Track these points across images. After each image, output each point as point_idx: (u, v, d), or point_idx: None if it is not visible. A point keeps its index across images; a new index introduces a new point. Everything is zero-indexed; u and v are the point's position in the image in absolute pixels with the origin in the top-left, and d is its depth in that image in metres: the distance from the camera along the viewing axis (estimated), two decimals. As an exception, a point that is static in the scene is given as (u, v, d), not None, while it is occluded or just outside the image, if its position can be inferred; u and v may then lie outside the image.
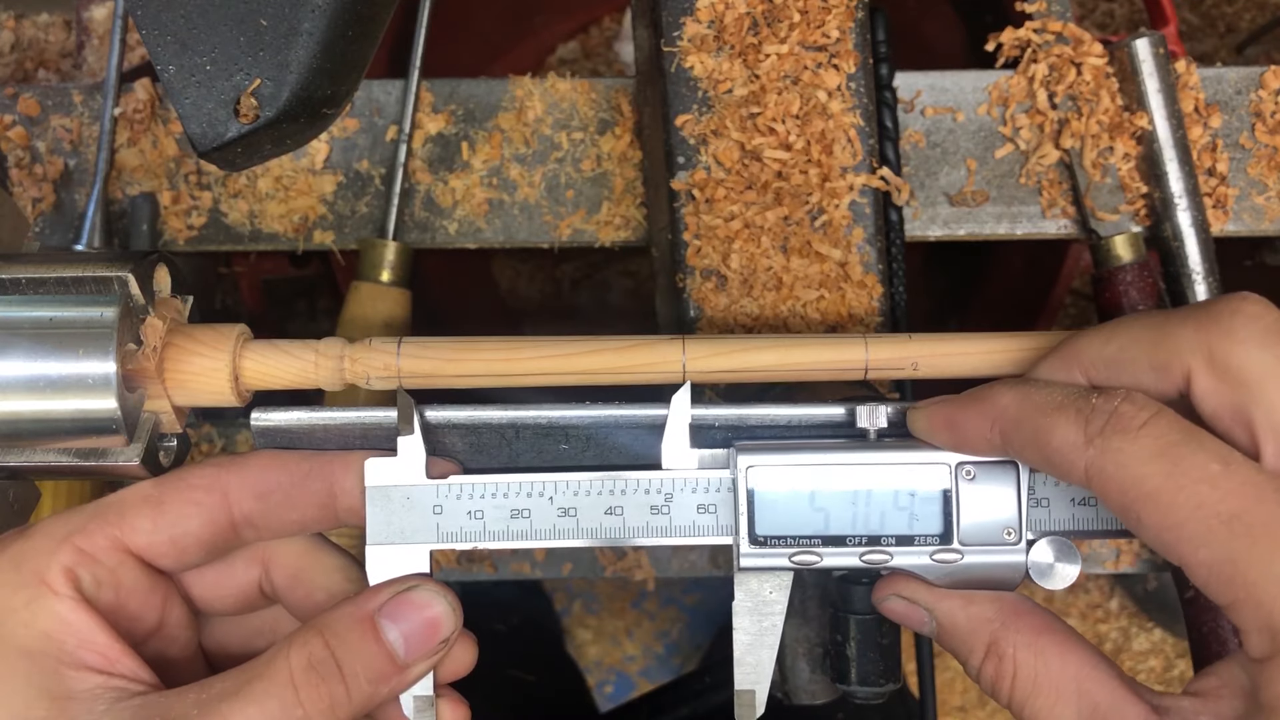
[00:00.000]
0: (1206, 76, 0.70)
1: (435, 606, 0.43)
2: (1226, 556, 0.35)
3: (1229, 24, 1.30)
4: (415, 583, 0.43)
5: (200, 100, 0.43)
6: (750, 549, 0.44)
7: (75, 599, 0.41)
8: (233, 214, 0.71)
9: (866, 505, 0.44)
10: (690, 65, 0.60)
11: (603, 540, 0.44)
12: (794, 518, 0.44)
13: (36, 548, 0.42)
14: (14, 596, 0.41)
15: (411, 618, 0.42)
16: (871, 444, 0.44)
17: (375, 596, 0.43)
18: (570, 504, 0.44)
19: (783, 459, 0.44)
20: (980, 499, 0.43)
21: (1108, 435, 0.37)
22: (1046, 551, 0.43)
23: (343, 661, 0.41)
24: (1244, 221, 0.69)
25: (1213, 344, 0.38)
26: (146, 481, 0.44)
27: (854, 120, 0.60)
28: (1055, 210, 0.69)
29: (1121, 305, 0.66)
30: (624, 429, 0.46)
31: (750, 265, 0.59)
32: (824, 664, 0.57)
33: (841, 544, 0.44)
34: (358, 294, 0.70)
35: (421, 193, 0.71)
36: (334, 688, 0.40)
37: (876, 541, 0.43)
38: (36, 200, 0.70)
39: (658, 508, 0.44)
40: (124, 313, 0.44)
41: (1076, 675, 0.40)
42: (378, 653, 0.42)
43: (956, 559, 0.43)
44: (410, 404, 0.44)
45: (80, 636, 0.41)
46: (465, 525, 0.45)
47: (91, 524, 0.42)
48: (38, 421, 0.44)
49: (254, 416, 0.46)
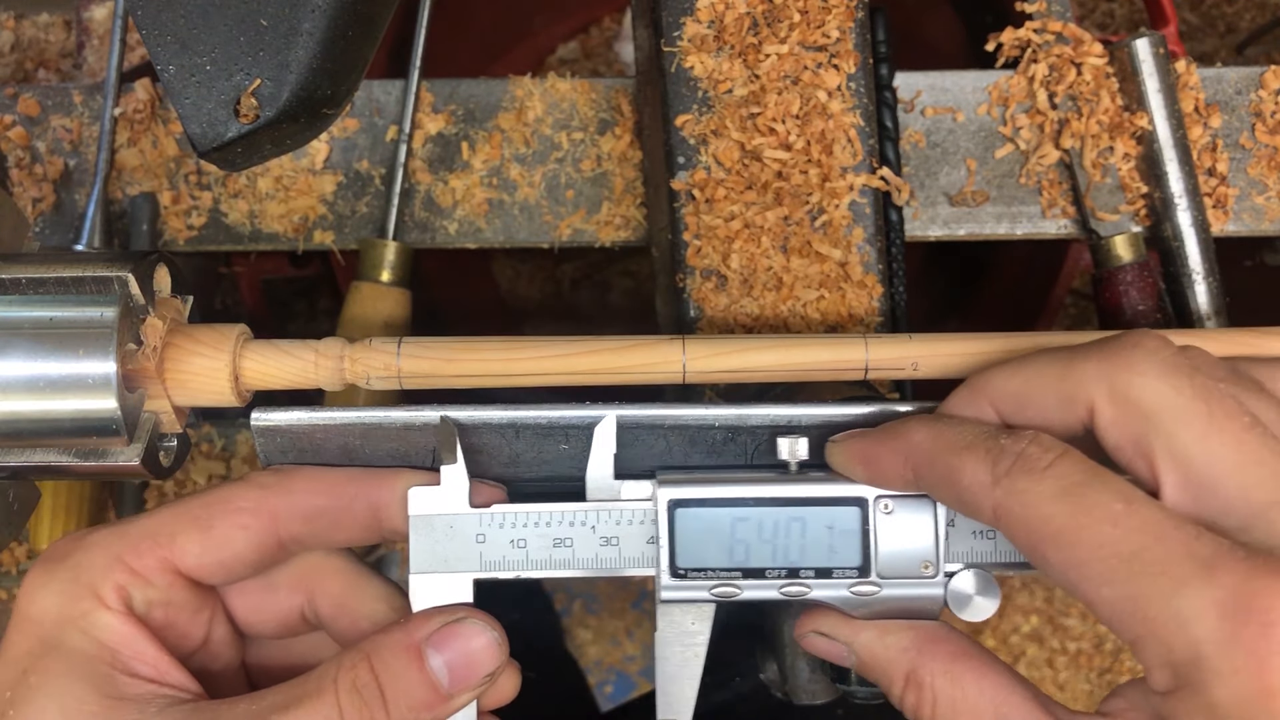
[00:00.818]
0: (1206, 76, 0.70)
1: (482, 639, 0.43)
2: (1127, 594, 0.35)
3: (1229, 24, 1.30)
4: (464, 614, 0.44)
5: (200, 100, 0.43)
6: (671, 581, 0.44)
7: (126, 614, 0.42)
8: (233, 214, 0.71)
9: (786, 538, 0.44)
10: (690, 65, 0.60)
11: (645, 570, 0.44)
12: (714, 550, 0.44)
13: (92, 561, 0.43)
14: (73, 606, 0.42)
15: (458, 649, 0.43)
16: (792, 476, 0.44)
17: (424, 625, 0.43)
18: (614, 533, 0.44)
19: (703, 491, 0.44)
20: (898, 532, 0.43)
21: (1014, 476, 0.38)
22: (966, 584, 0.43)
23: (386, 688, 0.41)
24: (1244, 221, 0.69)
25: (1114, 377, 0.39)
26: (194, 500, 0.45)
27: (854, 120, 0.60)
28: (1055, 210, 0.69)
29: (1121, 305, 0.66)
30: (624, 430, 0.46)
31: (750, 265, 0.59)
32: (824, 664, 0.57)
33: (761, 576, 0.44)
34: (358, 294, 0.70)
35: (421, 193, 0.71)
36: (376, 713, 0.41)
37: (795, 574, 0.43)
38: (36, 200, 0.70)
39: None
40: (124, 313, 0.44)
41: (994, 699, 0.41)
42: (421, 681, 0.42)
43: (875, 591, 0.43)
44: (453, 433, 0.44)
45: (132, 648, 0.42)
46: (508, 554, 0.44)
47: (143, 544, 0.43)
48: (38, 421, 0.44)
49: (254, 416, 0.46)
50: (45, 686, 0.40)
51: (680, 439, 0.46)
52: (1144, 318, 0.66)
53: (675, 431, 0.46)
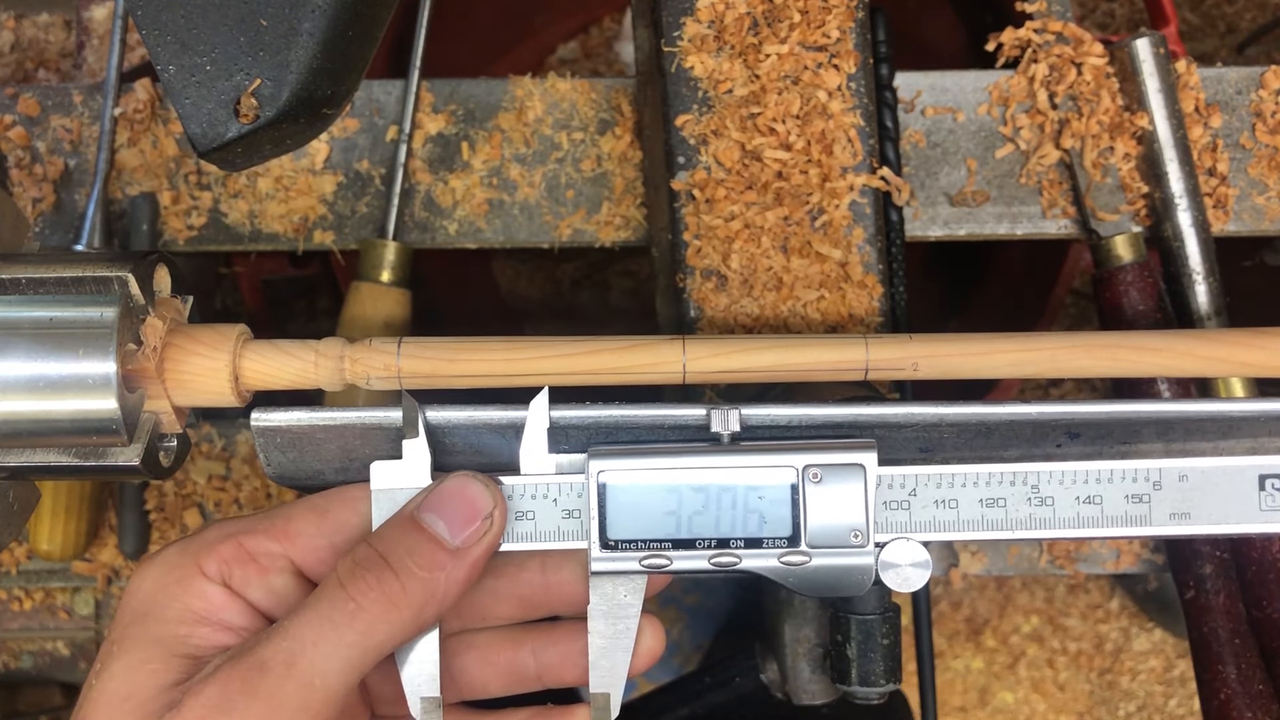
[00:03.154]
0: (1207, 76, 0.70)
1: (469, 487, 0.43)
2: None
3: (1229, 24, 1.30)
4: (444, 476, 0.44)
5: (200, 100, 0.43)
6: (602, 553, 0.44)
7: (221, 585, 0.43)
8: (233, 214, 0.71)
9: (716, 508, 0.44)
10: (690, 65, 0.60)
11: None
12: (645, 521, 0.44)
13: (205, 539, 0.44)
14: (170, 574, 0.43)
15: (447, 501, 0.43)
16: (723, 448, 0.45)
17: (410, 501, 0.44)
18: (574, 505, 0.45)
19: (634, 463, 0.44)
20: (828, 501, 0.43)
21: None
22: (897, 554, 0.43)
23: (388, 554, 0.42)
24: (1244, 221, 0.69)
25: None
26: (317, 494, 0.46)
27: (854, 120, 0.60)
28: (1055, 210, 0.69)
29: (1122, 305, 0.66)
30: (624, 429, 0.46)
31: (750, 265, 0.59)
32: (824, 664, 0.57)
33: (691, 547, 0.44)
34: (358, 294, 0.70)
35: (421, 193, 0.71)
36: (383, 577, 0.41)
37: (725, 544, 0.44)
38: (36, 200, 0.70)
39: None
40: (124, 313, 0.44)
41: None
42: (422, 538, 0.42)
43: (804, 561, 0.44)
44: (415, 407, 0.45)
45: (220, 617, 0.43)
46: None
47: (260, 524, 0.45)
48: (38, 421, 0.44)
49: (254, 416, 0.46)
50: (122, 653, 0.42)
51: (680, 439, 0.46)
52: (1144, 318, 0.66)
53: (675, 432, 0.46)
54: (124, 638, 0.42)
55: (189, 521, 0.77)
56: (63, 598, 0.79)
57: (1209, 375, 0.63)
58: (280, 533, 0.44)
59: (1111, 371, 0.49)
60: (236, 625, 0.43)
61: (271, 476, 0.47)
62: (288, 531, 0.44)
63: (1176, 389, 0.65)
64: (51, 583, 0.78)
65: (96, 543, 0.76)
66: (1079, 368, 0.49)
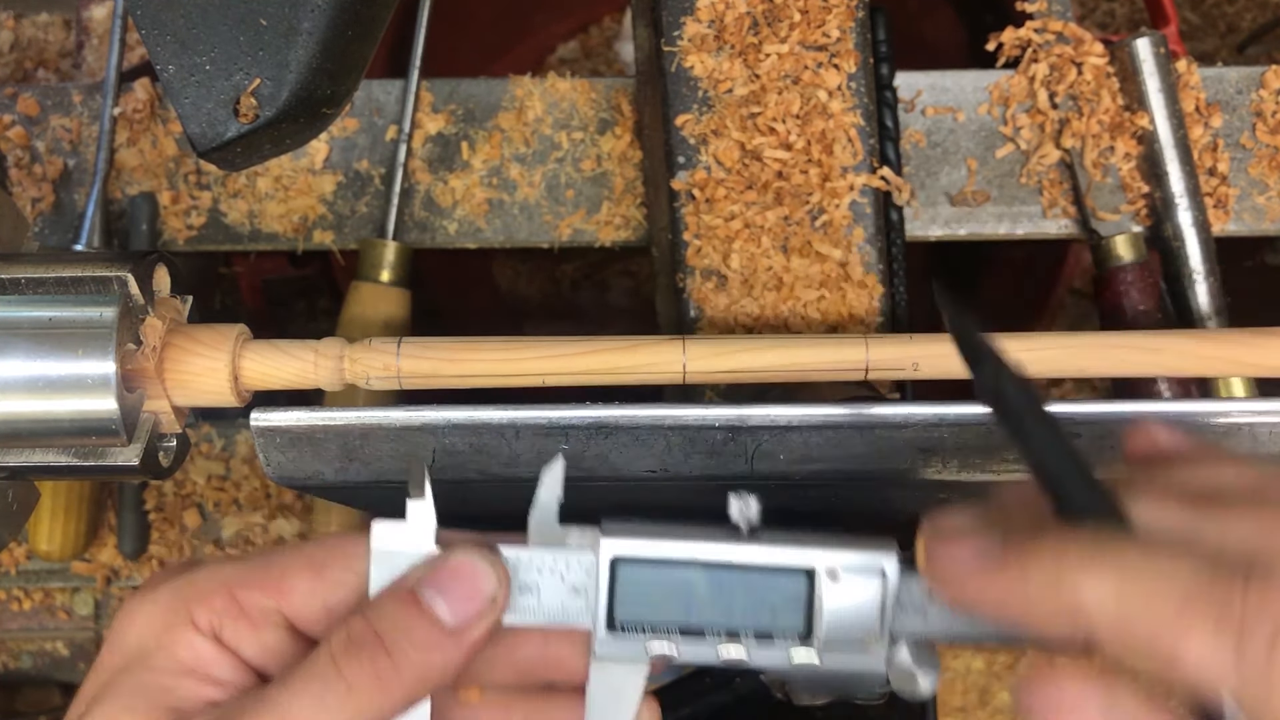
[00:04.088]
0: (1207, 76, 0.70)
1: (474, 565, 0.41)
2: None
3: (1230, 23, 1.30)
4: (450, 551, 0.42)
5: (200, 100, 0.43)
6: (606, 635, 0.42)
7: (212, 639, 0.42)
8: (232, 214, 0.71)
9: (729, 600, 0.42)
10: (690, 65, 0.60)
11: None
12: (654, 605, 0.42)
13: (199, 587, 0.42)
14: (160, 620, 0.42)
15: (451, 580, 0.41)
16: (742, 537, 0.43)
17: (412, 574, 0.42)
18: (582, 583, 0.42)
19: (648, 545, 0.42)
20: (844, 600, 0.42)
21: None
22: (906, 657, 0.42)
23: (384, 633, 0.40)
24: (1245, 221, 0.69)
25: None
26: (310, 544, 0.44)
27: (854, 120, 0.60)
28: (1056, 210, 0.69)
29: (1122, 305, 0.66)
30: (624, 430, 0.46)
31: (750, 265, 0.59)
32: (824, 664, 0.57)
33: (700, 634, 0.42)
34: (358, 294, 0.70)
35: (421, 193, 0.71)
36: (376, 657, 0.40)
37: (735, 635, 0.42)
38: (36, 200, 0.70)
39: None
40: (123, 313, 0.44)
41: None
42: (419, 618, 0.41)
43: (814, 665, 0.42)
44: (423, 468, 0.43)
45: (209, 671, 0.42)
46: None
47: (255, 575, 0.43)
48: (37, 421, 0.44)
49: (254, 416, 0.45)
50: (106, 698, 0.41)
51: (680, 439, 0.46)
52: (1144, 318, 0.66)
53: (675, 432, 0.46)
54: (110, 683, 0.41)
55: (188, 522, 0.77)
56: (62, 598, 0.79)
57: (1209, 375, 0.63)
58: (274, 589, 0.43)
59: (1111, 371, 0.49)
60: (225, 680, 0.42)
61: (271, 477, 0.47)
62: (281, 588, 0.43)
63: (1176, 389, 0.65)
64: (51, 583, 0.78)
65: (96, 543, 0.76)
66: (1079, 368, 0.49)
